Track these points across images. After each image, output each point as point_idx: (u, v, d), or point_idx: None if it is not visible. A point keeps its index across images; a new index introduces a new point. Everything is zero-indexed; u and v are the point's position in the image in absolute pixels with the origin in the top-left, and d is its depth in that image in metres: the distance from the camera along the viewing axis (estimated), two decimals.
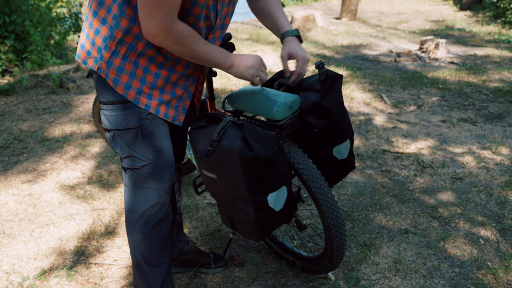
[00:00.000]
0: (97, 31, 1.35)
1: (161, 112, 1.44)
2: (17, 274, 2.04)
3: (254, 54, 1.53)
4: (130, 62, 1.36)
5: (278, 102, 1.53)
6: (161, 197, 1.53)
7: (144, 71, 1.38)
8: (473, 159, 3.04)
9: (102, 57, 1.36)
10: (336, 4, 11.98)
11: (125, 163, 1.50)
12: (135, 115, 1.40)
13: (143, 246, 1.59)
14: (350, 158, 1.76)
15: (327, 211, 1.61)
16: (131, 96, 1.38)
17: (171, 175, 1.54)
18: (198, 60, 1.38)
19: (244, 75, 1.47)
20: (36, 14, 5.36)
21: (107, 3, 1.31)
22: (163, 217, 1.57)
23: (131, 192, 1.54)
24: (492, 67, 5.41)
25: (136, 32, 1.32)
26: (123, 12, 1.29)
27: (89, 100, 4.32)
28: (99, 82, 1.41)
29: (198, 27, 1.37)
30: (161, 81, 1.41)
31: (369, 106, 4.11)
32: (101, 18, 1.33)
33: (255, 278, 1.98)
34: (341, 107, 1.67)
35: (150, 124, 1.43)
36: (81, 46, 1.41)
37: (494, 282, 1.93)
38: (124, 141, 1.45)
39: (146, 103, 1.40)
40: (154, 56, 1.37)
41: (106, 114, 1.44)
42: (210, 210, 2.50)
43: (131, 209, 1.56)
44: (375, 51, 6.60)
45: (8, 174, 2.94)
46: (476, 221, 2.37)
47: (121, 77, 1.36)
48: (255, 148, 1.42)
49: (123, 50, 1.34)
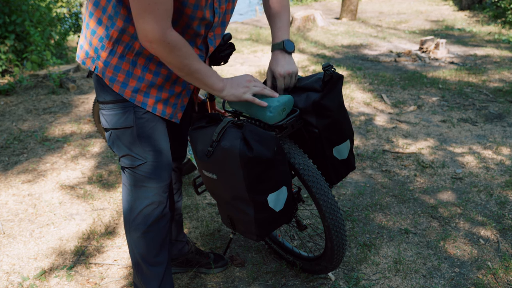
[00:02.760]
0: (93, 31, 1.36)
1: (158, 110, 1.44)
2: (17, 274, 2.04)
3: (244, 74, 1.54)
4: (128, 61, 1.36)
5: (271, 107, 1.52)
6: (158, 196, 1.54)
7: (142, 69, 1.38)
8: (473, 159, 3.04)
9: (99, 57, 1.36)
10: (336, 4, 11.98)
11: (123, 162, 1.51)
12: (131, 114, 1.41)
13: (140, 245, 1.60)
14: (350, 158, 1.76)
15: (327, 211, 1.61)
16: (127, 94, 1.38)
17: (168, 174, 1.54)
18: (191, 76, 1.36)
19: (236, 95, 1.46)
20: (36, 14, 5.35)
21: (102, 3, 1.32)
22: (160, 216, 1.57)
23: (129, 191, 1.55)
24: (492, 67, 5.41)
25: (132, 32, 1.32)
26: (117, 13, 1.30)
27: (89, 100, 4.32)
28: (97, 82, 1.42)
29: (193, 26, 1.37)
30: (160, 79, 1.41)
31: (369, 106, 4.11)
32: (97, 18, 1.34)
33: (255, 278, 1.98)
34: (341, 107, 1.67)
35: (147, 123, 1.44)
36: (80, 46, 1.43)
37: (494, 282, 1.93)
38: (121, 140, 1.46)
39: (142, 101, 1.40)
40: (151, 55, 1.37)
41: (104, 114, 1.45)
42: (210, 210, 2.50)
43: (129, 208, 1.57)
44: (375, 51, 6.60)
45: (8, 174, 2.94)
46: (476, 221, 2.37)
47: (117, 76, 1.37)
48: (255, 148, 1.42)
49: (120, 49, 1.35)
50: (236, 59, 6.06)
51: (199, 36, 1.43)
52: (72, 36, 8.23)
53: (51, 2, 6.61)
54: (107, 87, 1.39)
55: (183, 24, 1.36)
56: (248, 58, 6.20)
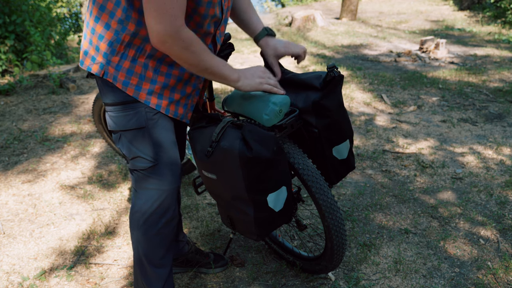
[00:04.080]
0: (100, 36, 1.33)
1: (171, 111, 1.44)
2: (17, 274, 2.04)
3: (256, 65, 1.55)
4: (140, 64, 1.35)
5: (267, 110, 1.52)
6: (168, 199, 1.52)
7: (154, 72, 1.37)
8: (473, 159, 3.04)
9: (109, 61, 1.34)
10: (336, 4, 11.98)
11: (132, 165, 1.49)
12: (141, 116, 1.40)
13: (148, 247, 1.58)
14: (350, 158, 1.76)
15: (327, 211, 1.61)
16: (142, 97, 1.37)
17: (178, 176, 1.53)
18: (205, 71, 1.36)
19: (252, 85, 1.48)
20: (36, 14, 5.36)
21: (108, 7, 1.30)
22: (169, 218, 1.56)
23: (139, 194, 1.53)
24: (492, 67, 5.41)
25: (144, 35, 1.31)
26: (129, 16, 1.29)
27: (89, 100, 4.32)
28: (102, 84, 1.39)
29: (204, 26, 1.37)
30: (172, 80, 1.41)
31: (369, 106, 4.11)
32: (103, 23, 1.32)
33: (255, 278, 1.98)
34: (341, 107, 1.67)
35: (157, 123, 1.43)
36: (85, 52, 1.40)
37: (494, 282, 1.93)
38: (130, 142, 1.44)
39: (156, 103, 1.40)
40: (163, 57, 1.37)
41: (112, 116, 1.43)
42: (210, 210, 2.50)
43: (138, 210, 1.54)
44: (375, 51, 6.60)
45: (8, 174, 2.94)
46: (476, 221, 2.37)
47: (131, 79, 1.35)
48: (255, 148, 1.42)
49: (132, 52, 1.33)
50: (236, 59, 6.06)
51: (209, 35, 1.43)
52: (72, 36, 8.24)
53: (51, 2, 6.61)
54: (115, 88, 1.37)
55: (194, 25, 1.36)
56: (248, 58, 6.20)
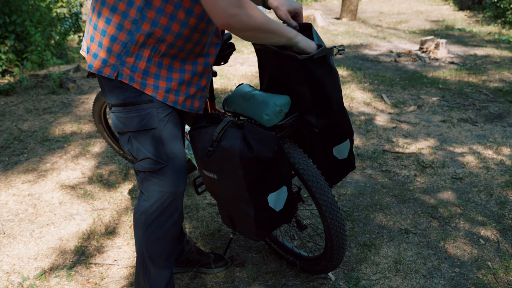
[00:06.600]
0: (113, 37, 1.31)
1: (187, 106, 1.43)
2: (17, 274, 2.04)
3: None
4: (154, 63, 1.34)
5: (268, 110, 1.52)
6: (175, 201, 1.52)
7: (168, 69, 1.36)
8: (473, 159, 3.04)
9: (124, 63, 1.32)
10: (336, 4, 11.98)
11: (141, 166, 1.46)
12: (153, 116, 1.38)
13: (153, 249, 1.58)
14: (350, 158, 1.76)
15: (327, 211, 1.61)
16: (160, 96, 1.36)
17: (186, 178, 1.53)
18: (269, 32, 1.34)
19: (309, 43, 1.48)
20: (36, 14, 5.35)
21: (120, 8, 1.28)
22: (176, 220, 1.56)
23: (145, 196, 1.52)
24: (492, 67, 5.41)
25: (158, 35, 1.30)
26: (144, 16, 1.27)
27: (89, 100, 4.32)
28: (111, 84, 1.37)
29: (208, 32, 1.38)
30: (187, 75, 1.40)
31: (369, 106, 4.11)
32: (116, 24, 1.30)
33: (255, 278, 1.98)
34: (341, 106, 1.67)
35: (167, 124, 1.42)
36: (94, 55, 1.36)
37: (494, 282, 1.93)
38: (142, 143, 1.42)
39: (174, 100, 1.39)
40: (176, 53, 1.36)
41: (120, 117, 1.40)
42: (210, 210, 2.50)
43: (144, 211, 1.53)
44: (375, 51, 6.60)
45: (8, 174, 2.94)
46: (476, 221, 2.37)
47: (147, 80, 1.34)
48: (256, 148, 1.42)
49: (147, 52, 1.32)
50: (236, 59, 6.06)
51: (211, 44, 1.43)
52: (72, 36, 8.23)
53: (51, 2, 6.61)
54: (126, 89, 1.35)
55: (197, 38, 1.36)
56: (248, 58, 6.19)
